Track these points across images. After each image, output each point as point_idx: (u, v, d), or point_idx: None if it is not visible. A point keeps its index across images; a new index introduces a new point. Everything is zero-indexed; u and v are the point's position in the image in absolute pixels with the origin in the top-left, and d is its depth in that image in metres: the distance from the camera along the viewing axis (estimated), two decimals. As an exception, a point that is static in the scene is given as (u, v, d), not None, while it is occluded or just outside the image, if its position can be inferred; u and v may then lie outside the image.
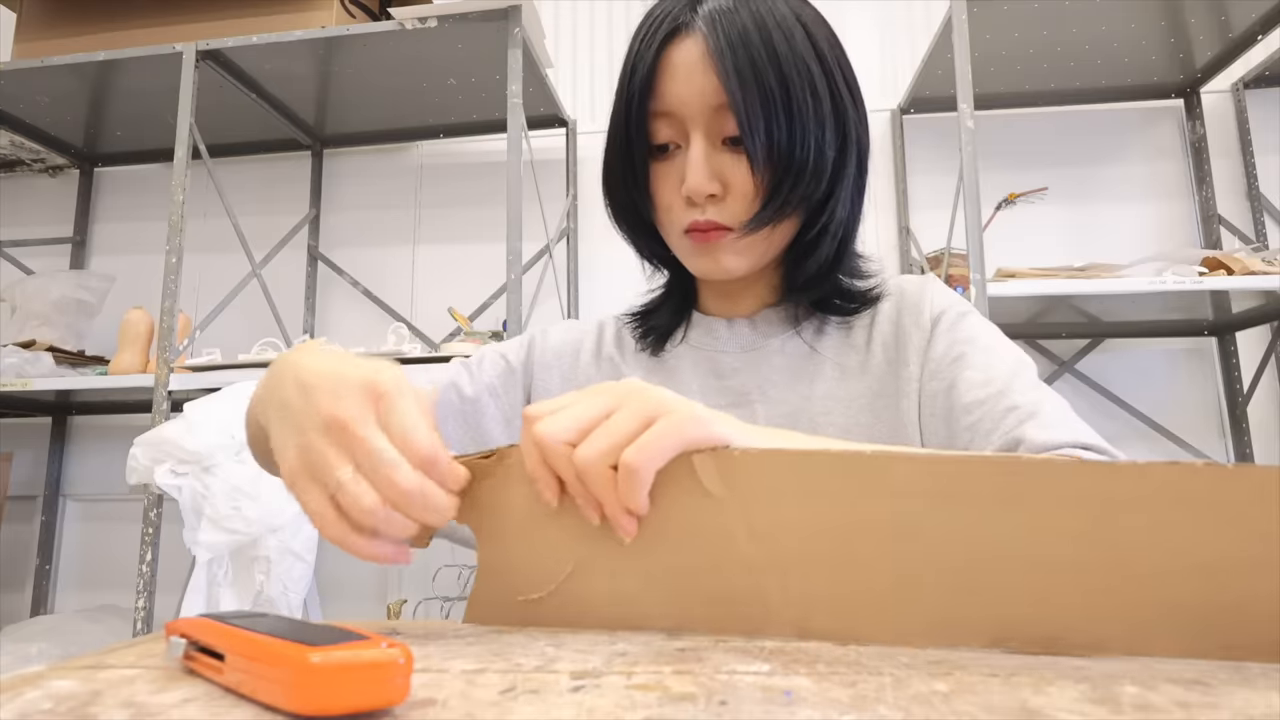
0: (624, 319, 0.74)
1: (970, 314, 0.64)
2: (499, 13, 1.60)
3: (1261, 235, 1.86)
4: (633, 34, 0.61)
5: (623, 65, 0.61)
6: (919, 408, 0.60)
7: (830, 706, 0.25)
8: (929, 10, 2.03)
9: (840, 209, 0.62)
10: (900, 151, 2.01)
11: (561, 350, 0.73)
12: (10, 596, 2.08)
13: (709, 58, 0.56)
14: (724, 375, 0.66)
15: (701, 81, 0.57)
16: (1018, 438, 0.52)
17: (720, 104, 0.57)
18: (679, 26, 0.58)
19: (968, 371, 0.58)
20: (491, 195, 2.09)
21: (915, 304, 0.64)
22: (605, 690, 0.27)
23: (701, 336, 0.69)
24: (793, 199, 0.58)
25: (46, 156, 2.18)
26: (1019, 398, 0.55)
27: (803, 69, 0.57)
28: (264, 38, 1.68)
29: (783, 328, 0.67)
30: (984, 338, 0.61)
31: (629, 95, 0.60)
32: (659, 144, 0.61)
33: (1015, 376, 0.57)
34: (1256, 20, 1.65)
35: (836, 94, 0.59)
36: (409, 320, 2.08)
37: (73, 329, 1.97)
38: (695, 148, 0.58)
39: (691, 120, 0.58)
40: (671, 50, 0.58)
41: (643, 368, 0.70)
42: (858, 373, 0.64)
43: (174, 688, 0.29)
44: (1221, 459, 1.80)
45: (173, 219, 1.67)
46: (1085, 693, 0.25)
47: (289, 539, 1.41)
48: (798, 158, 0.57)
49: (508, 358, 0.72)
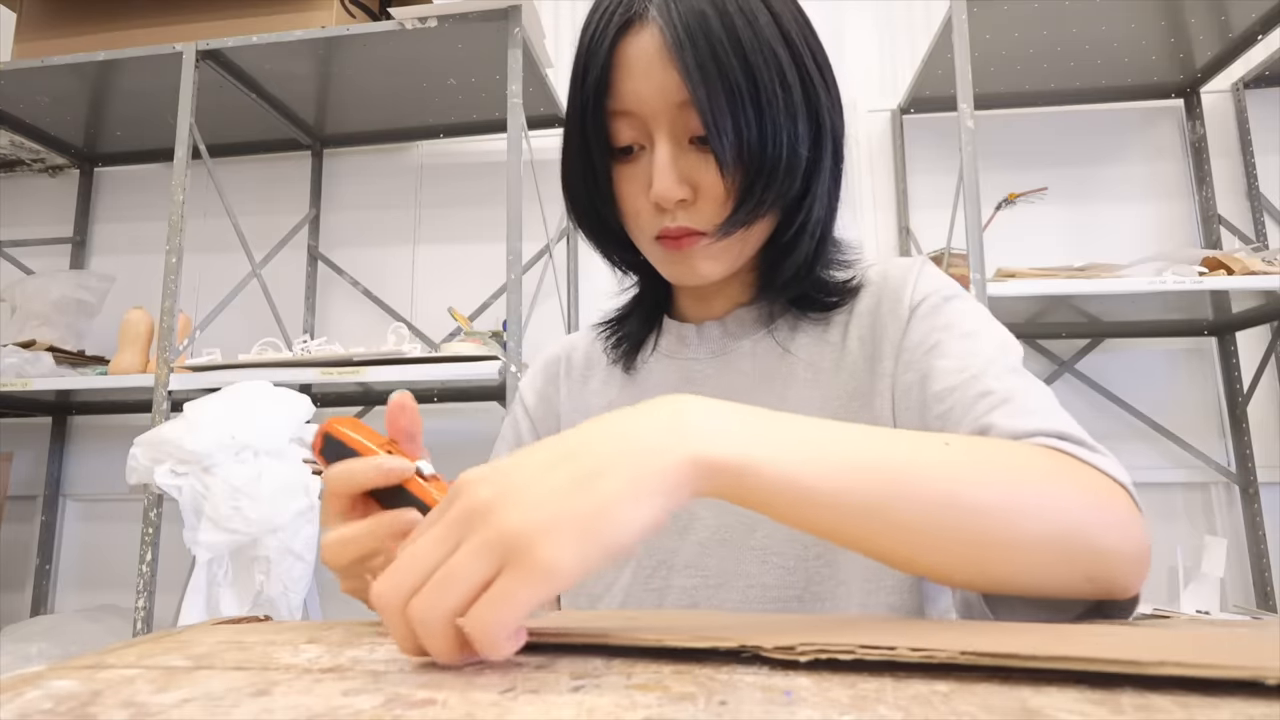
0: (597, 328, 0.72)
1: (955, 298, 0.58)
2: (499, 13, 1.60)
3: (1261, 235, 1.86)
4: (582, 26, 0.56)
5: (574, 61, 0.57)
6: (893, 403, 0.57)
7: (830, 706, 0.25)
8: (929, 10, 2.03)
9: (818, 206, 0.58)
10: (900, 151, 2.01)
11: (538, 405, 0.72)
12: (10, 596, 2.08)
13: (667, 51, 0.51)
14: (695, 383, 0.64)
15: (661, 77, 0.52)
16: (986, 424, 0.48)
17: (683, 100, 0.52)
18: (632, 17, 0.53)
19: (941, 360, 0.53)
20: (491, 195, 2.09)
21: (896, 292, 0.59)
22: (605, 690, 0.27)
23: (672, 344, 0.67)
24: (767, 199, 0.55)
25: (46, 156, 2.18)
26: (993, 383, 0.50)
27: (770, 56, 0.52)
28: (264, 38, 1.68)
29: (754, 328, 0.64)
30: (965, 323, 0.56)
31: (584, 95, 0.55)
32: (621, 146, 0.56)
33: (992, 362, 0.52)
34: (1256, 20, 1.65)
35: (807, 80, 0.55)
36: (409, 320, 2.08)
37: (73, 329, 1.97)
38: (661, 151, 0.54)
39: (654, 119, 0.54)
40: (626, 43, 0.53)
41: (615, 384, 0.68)
42: (831, 372, 0.61)
43: (174, 688, 0.29)
44: (1221, 459, 1.80)
45: (173, 219, 1.67)
46: (1085, 693, 0.25)
47: (289, 539, 1.41)
48: (770, 155, 0.53)
49: (521, 437, 0.72)
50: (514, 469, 0.33)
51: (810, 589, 0.56)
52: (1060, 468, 0.42)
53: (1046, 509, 0.39)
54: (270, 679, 0.30)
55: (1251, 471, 1.77)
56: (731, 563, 0.58)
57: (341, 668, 0.32)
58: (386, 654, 0.34)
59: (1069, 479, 0.41)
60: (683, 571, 0.59)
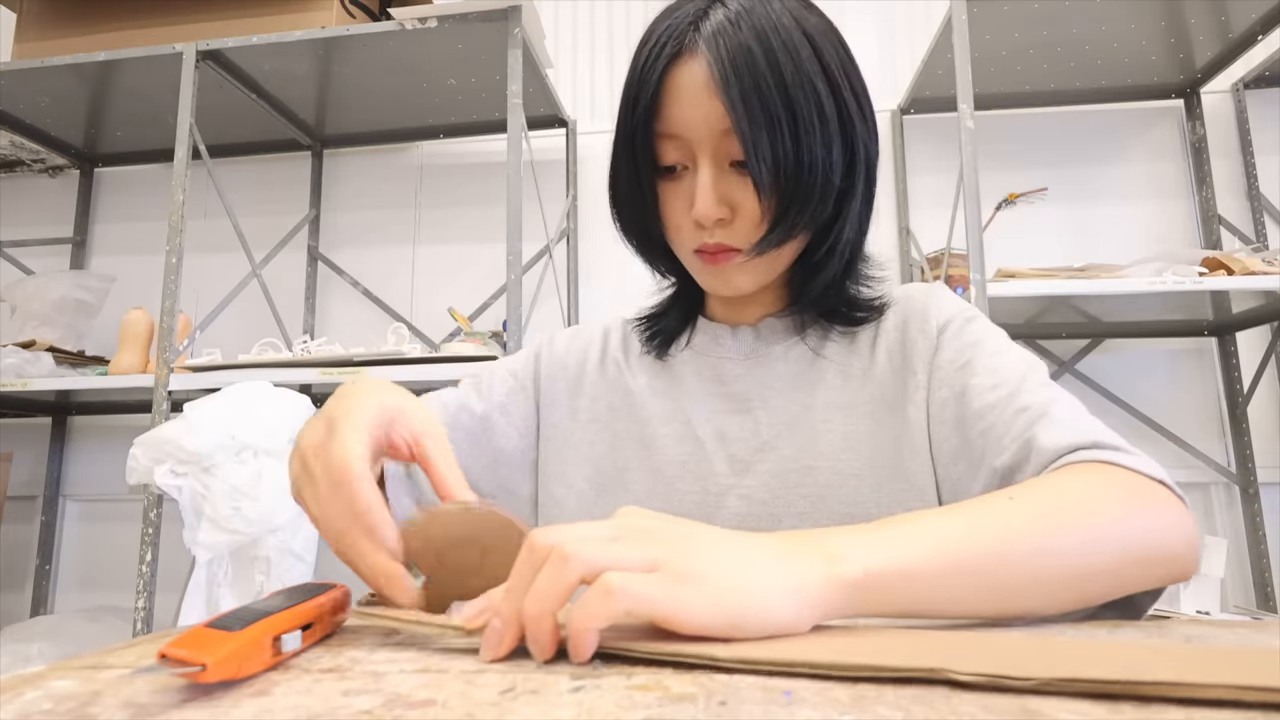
0: (632, 322, 0.75)
1: (976, 319, 0.64)
2: (499, 13, 1.60)
3: (1261, 235, 1.86)
4: (635, 51, 0.61)
5: (625, 84, 0.61)
6: (927, 416, 0.60)
7: (830, 706, 0.25)
8: (929, 10, 2.03)
9: (848, 228, 0.61)
10: (900, 151, 2.01)
11: (566, 360, 0.74)
12: (10, 596, 2.08)
13: (714, 82, 0.55)
14: (726, 381, 0.67)
15: (707, 106, 0.56)
16: (1029, 439, 0.52)
17: (726, 128, 0.56)
18: (683, 48, 0.57)
19: (976, 378, 0.58)
20: (491, 195, 2.09)
21: (921, 312, 0.64)
22: (605, 690, 0.27)
23: (706, 342, 0.70)
24: (800, 221, 0.58)
25: (46, 156, 2.18)
26: (1029, 398, 0.55)
27: (809, 89, 0.56)
28: (264, 38, 1.68)
29: (786, 335, 0.68)
30: (991, 342, 0.61)
31: (634, 117, 0.59)
32: (666, 165, 0.60)
33: (1024, 378, 0.56)
34: (1256, 20, 1.65)
35: (844, 111, 0.59)
36: (409, 320, 2.08)
37: (73, 329, 1.97)
38: (703, 173, 0.58)
39: (698, 144, 0.58)
40: (675, 72, 0.57)
41: (647, 371, 0.71)
42: (861, 379, 0.64)
43: (174, 688, 0.29)
44: (1221, 459, 1.80)
45: (173, 219, 1.67)
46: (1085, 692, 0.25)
47: (289, 539, 1.40)
48: (804, 181, 0.57)
49: (516, 373, 0.73)
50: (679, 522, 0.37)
51: None
52: (1116, 485, 0.46)
53: (1118, 531, 0.43)
54: (270, 679, 0.30)
55: (1251, 472, 1.77)
56: None
57: (341, 668, 0.32)
58: (387, 654, 0.34)
59: (1126, 495, 0.46)
60: None
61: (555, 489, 0.69)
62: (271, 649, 0.32)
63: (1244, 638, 0.35)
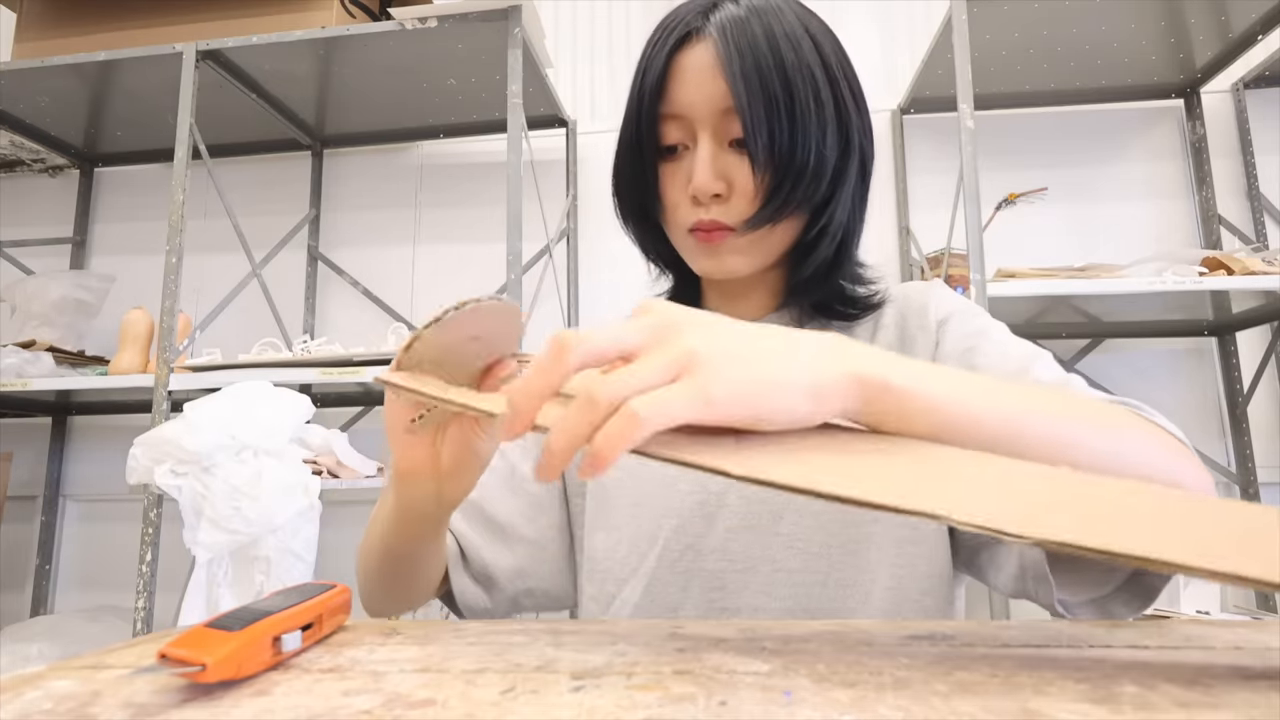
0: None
1: (980, 313, 0.64)
2: (499, 13, 1.60)
3: (1261, 235, 1.86)
4: (646, 40, 0.63)
5: (635, 69, 0.63)
6: None
7: (830, 706, 0.25)
8: (929, 10, 2.03)
9: (840, 211, 0.63)
10: (900, 151, 2.01)
11: None
12: (10, 596, 2.08)
13: (718, 62, 0.58)
14: None
15: (711, 86, 0.59)
16: None
17: (727, 107, 0.59)
18: (691, 32, 0.60)
19: (983, 358, 0.59)
20: (491, 195, 2.09)
21: (920, 308, 0.65)
22: (605, 690, 0.27)
23: None
24: (793, 199, 0.60)
25: (46, 156, 2.18)
26: (1043, 374, 0.55)
27: (807, 76, 0.59)
28: (264, 38, 1.68)
29: None
30: (995, 332, 0.62)
31: (640, 97, 0.62)
32: (668, 145, 0.62)
33: (1035, 358, 0.57)
34: (1256, 20, 1.65)
35: (840, 101, 0.61)
36: (409, 320, 2.08)
37: (73, 329, 1.97)
38: (703, 148, 0.60)
39: (700, 123, 0.60)
40: (683, 55, 0.60)
41: None
42: None
43: (174, 688, 0.29)
44: (1221, 459, 1.80)
45: (173, 219, 1.67)
46: (1085, 692, 0.25)
47: (289, 539, 1.41)
48: (798, 159, 0.59)
49: None
50: (702, 315, 0.37)
51: (834, 575, 0.59)
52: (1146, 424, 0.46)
53: (1144, 454, 0.43)
54: (270, 679, 0.30)
55: (1251, 471, 1.77)
56: (758, 549, 0.61)
57: (341, 668, 0.32)
58: (387, 654, 0.34)
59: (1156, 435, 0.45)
60: (709, 556, 0.61)
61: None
62: (271, 649, 0.32)
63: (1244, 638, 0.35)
